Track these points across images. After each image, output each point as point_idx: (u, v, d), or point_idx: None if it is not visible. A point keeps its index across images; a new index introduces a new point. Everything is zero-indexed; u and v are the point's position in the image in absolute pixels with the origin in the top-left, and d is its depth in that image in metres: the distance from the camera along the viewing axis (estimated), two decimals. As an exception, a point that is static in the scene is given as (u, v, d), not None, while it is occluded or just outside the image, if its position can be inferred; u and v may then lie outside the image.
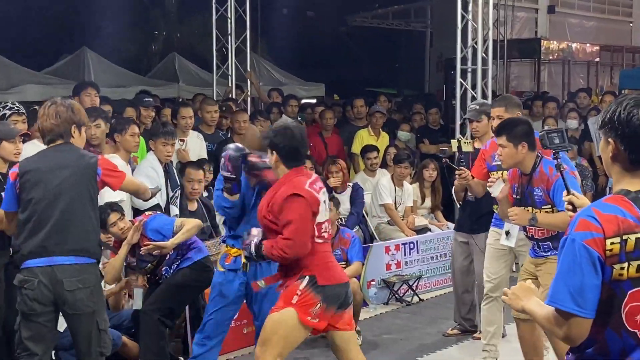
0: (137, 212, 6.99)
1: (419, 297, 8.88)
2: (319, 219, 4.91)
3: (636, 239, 2.62)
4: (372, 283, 8.66)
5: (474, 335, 7.34)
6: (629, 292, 2.63)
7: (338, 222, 8.61)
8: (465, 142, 7.53)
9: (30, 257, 4.81)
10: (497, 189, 5.71)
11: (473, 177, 6.55)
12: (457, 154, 7.30)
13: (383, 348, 7.12)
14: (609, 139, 2.73)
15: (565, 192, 3.90)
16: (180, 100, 13.56)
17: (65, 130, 4.91)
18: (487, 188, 5.58)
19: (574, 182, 5.04)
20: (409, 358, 6.84)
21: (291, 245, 4.75)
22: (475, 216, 7.10)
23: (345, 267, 7.08)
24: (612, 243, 2.60)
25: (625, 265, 2.61)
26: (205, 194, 8.10)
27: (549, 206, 5.47)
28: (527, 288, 2.92)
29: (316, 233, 4.89)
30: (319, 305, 4.77)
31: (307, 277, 4.82)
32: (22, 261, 4.85)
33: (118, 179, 5.02)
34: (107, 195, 6.21)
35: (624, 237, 2.61)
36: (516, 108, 6.61)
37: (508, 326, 7.10)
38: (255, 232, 4.94)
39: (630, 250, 2.61)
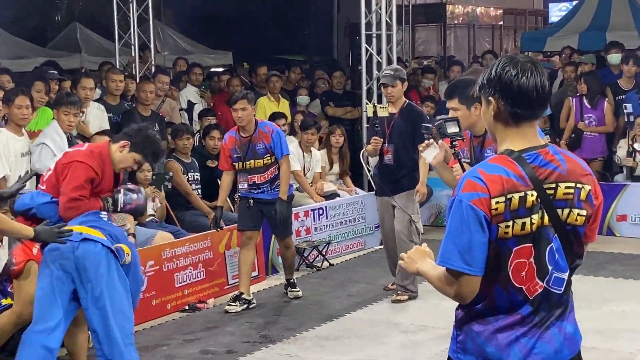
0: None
1: (329, 262, 8.97)
2: None
3: (520, 197, 2.68)
4: (282, 250, 8.68)
5: (394, 298, 7.48)
6: (514, 249, 2.70)
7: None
8: (381, 108, 7.66)
9: None
10: (430, 154, 5.21)
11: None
12: (371, 118, 7.46)
13: (293, 313, 7.18)
14: (489, 98, 2.79)
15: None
16: (83, 70, 13.26)
17: None
18: (420, 153, 5.34)
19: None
20: (320, 322, 6.91)
21: None
22: (394, 177, 7.40)
23: (270, 160, 7.36)
24: (497, 202, 2.67)
25: (510, 223, 2.68)
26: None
27: None
28: (422, 251, 2.97)
29: None
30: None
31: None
32: None
33: None
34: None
35: (508, 196, 2.68)
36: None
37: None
38: None
39: (514, 209, 2.68)
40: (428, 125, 6.23)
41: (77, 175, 5.11)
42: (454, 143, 4.56)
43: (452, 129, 4.58)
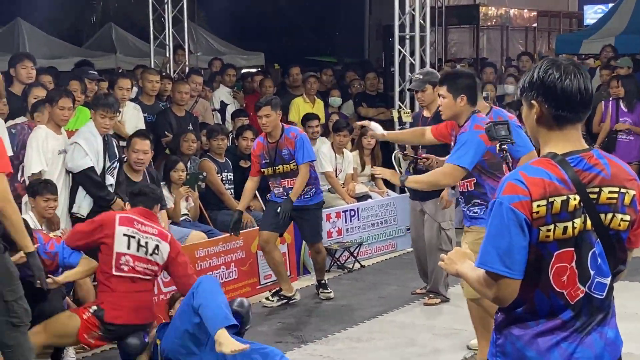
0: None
1: (360, 264, 8.96)
2: (117, 248, 5.49)
3: (562, 201, 2.66)
4: (314, 251, 8.69)
5: (425, 301, 7.47)
6: (555, 253, 2.68)
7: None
8: (404, 113, 7.68)
9: None
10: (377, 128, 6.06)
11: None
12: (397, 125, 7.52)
13: (325, 314, 7.18)
14: (532, 102, 2.77)
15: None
16: (120, 70, 13.37)
17: None
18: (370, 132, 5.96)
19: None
20: (351, 323, 6.90)
21: None
22: None
23: (297, 169, 7.38)
24: (538, 205, 2.65)
25: (552, 227, 2.66)
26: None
27: None
28: (462, 253, 2.96)
29: (113, 262, 5.44)
30: (97, 333, 5.56)
31: (95, 307, 5.58)
32: None
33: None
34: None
35: (550, 199, 2.66)
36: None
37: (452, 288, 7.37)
38: None
39: (556, 213, 2.66)
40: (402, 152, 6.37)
41: None
42: (502, 147, 4.56)
43: (501, 132, 4.58)
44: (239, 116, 10.08)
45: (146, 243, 5.59)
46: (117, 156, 7.19)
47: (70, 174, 6.96)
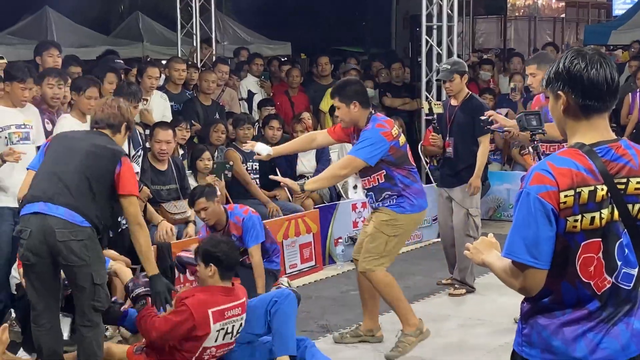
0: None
1: (385, 254, 8.95)
2: (206, 343, 5.19)
3: (589, 191, 2.66)
4: (339, 241, 8.72)
5: (451, 292, 7.49)
6: (583, 243, 2.68)
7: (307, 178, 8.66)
8: (435, 105, 7.70)
9: (31, 200, 4.93)
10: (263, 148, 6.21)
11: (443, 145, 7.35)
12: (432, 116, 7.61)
13: (351, 304, 7.19)
14: (558, 92, 2.77)
15: None
16: (148, 59, 13.44)
17: (118, 123, 5.18)
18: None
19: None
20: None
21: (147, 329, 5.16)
22: (453, 171, 7.44)
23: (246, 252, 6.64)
24: (566, 196, 2.65)
25: (579, 217, 2.66)
26: (181, 151, 8.11)
27: None
28: (488, 242, 2.97)
29: (197, 354, 5.22)
30: None
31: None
32: (22, 207, 5.00)
33: (128, 186, 5.00)
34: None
35: (578, 190, 2.66)
36: (549, 64, 6.66)
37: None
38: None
39: (583, 203, 2.66)
40: (483, 117, 6.43)
41: None
42: (533, 137, 4.59)
43: (532, 122, 4.61)
44: (266, 105, 10.11)
45: (233, 327, 5.31)
46: (142, 144, 7.24)
47: None
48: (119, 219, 6.36)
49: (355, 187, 6.22)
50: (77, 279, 4.93)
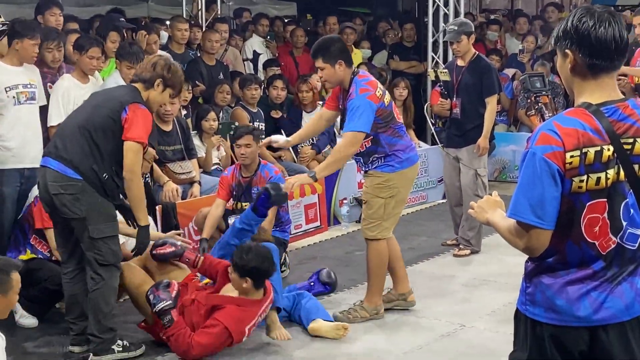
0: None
1: (390, 215, 8.96)
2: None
3: (595, 152, 2.65)
4: (344, 202, 8.74)
5: (455, 252, 7.51)
6: (588, 204, 2.68)
7: (311, 141, 8.66)
8: (441, 72, 7.68)
9: (43, 154, 5.18)
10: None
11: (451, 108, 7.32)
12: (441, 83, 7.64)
13: (355, 265, 7.22)
14: (566, 51, 2.74)
15: None
16: (148, 20, 13.33)
17: (150, 78, 5.15)
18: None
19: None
20: (380, 274, 6.94)
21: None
22: (460, 131, 7.43)
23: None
24: (571, 156, 2.64)
25: (585, 178, 2.65)
26: (184, 112, 8.09)
27: None
28: (493, 201, 2.96)
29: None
30: None
31: None
32: None
33: (128, 132, 4.95)
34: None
35: (584, 150, 2.64)
36: None
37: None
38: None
39: (589, 163, 2.65)
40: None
41: None
42: (537, 99, 4.56)
43: (536, 84, 4.58)
44: (271, 66, 10.06)
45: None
46: None
47: None
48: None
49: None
50: (75, 231, 5.06)
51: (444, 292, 6.51)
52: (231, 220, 6.57)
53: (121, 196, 5.18)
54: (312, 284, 6.43)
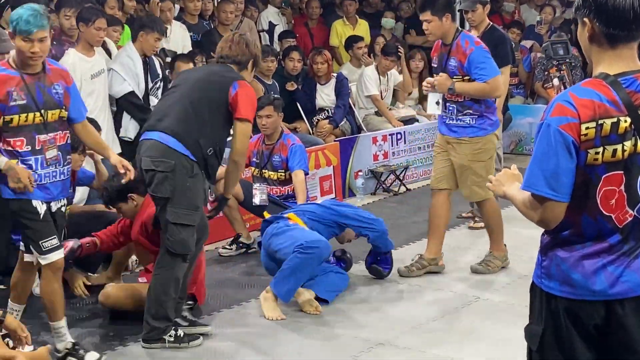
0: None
1: (405, 187, 8.96)
2: None
3: (612, 123, 2.61)
4: (360, 174, 8.72)
5: (471, 224, 7.49)
6: (604, 176, 2.64)
7: (327, 114, 8.62)
8: None
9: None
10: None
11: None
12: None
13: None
14: (585, 19, 2.69)
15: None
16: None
17: (245, 61, 5.05)
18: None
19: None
20: (397, 245, 6.92)
21: None
22: None
23: (284, 176, 6.90)
24: (587, 128, 2.60)
25: (600, 149, 2.61)
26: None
27: (460, 77, 5.88)
28: (510, 174, 2.94)
29: None
30: None
31: None
32: None
33: (245, 110, 4.85)
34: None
35: (600, 121, 2.61)
36: None
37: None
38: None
39: (605, 135, 2.61)
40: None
41: None
42: (560, 66, 4.54)
43: (559, 52, 4.56)
44: (287, 37, 10.00)
45: None
46: (161, 75, 7.17)
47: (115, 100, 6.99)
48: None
49: (437, 102, 6.13)
50: (158, 210, 4.91)
51: (460, 264, 6.49)
52: (256, 185, 6.78)
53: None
54: (329, 260, 6.42)
